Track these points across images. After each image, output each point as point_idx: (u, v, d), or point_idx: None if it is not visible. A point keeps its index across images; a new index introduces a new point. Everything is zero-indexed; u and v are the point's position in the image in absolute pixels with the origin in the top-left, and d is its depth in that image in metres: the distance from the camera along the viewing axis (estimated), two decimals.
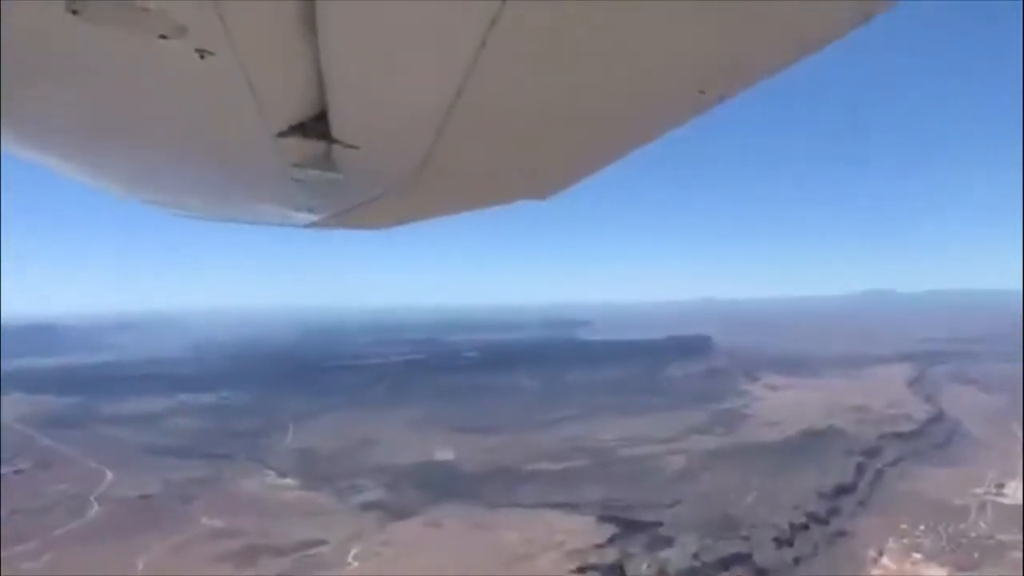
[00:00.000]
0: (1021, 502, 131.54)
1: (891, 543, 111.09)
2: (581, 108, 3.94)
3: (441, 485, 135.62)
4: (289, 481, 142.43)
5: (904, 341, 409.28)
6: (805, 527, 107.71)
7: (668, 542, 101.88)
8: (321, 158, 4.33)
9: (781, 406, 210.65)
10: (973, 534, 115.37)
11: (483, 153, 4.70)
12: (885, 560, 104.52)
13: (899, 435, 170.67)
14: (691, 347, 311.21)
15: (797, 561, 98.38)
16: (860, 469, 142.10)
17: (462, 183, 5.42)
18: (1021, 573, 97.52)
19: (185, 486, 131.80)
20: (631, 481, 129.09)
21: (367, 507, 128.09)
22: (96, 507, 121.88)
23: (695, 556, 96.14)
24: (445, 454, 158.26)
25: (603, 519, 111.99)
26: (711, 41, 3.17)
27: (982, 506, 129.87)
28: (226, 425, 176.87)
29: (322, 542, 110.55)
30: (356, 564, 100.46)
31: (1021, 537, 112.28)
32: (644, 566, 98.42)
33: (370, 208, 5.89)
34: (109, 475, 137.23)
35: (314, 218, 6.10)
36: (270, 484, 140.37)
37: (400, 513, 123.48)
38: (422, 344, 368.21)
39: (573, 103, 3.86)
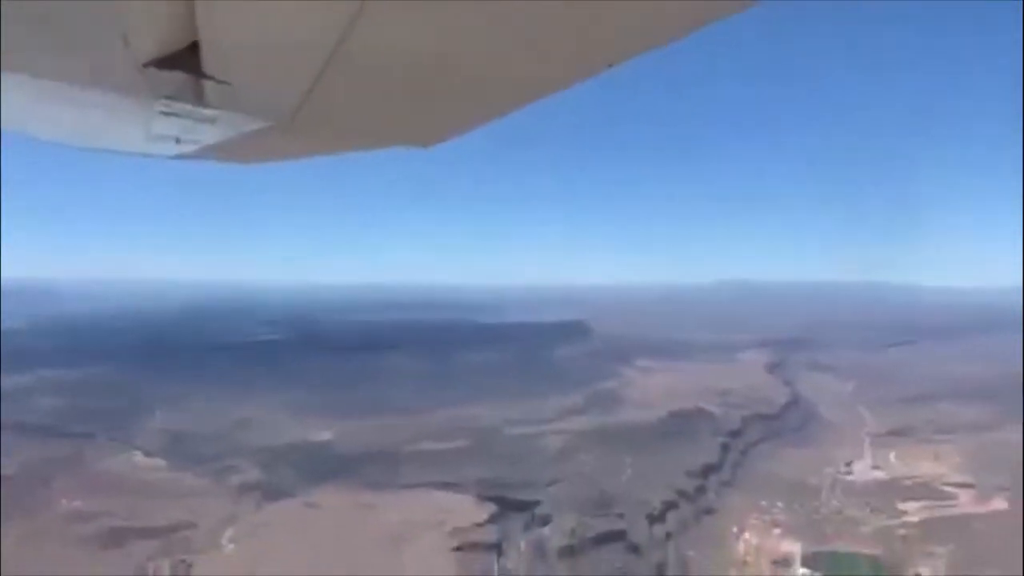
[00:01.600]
0: (867, 480, 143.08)
1: (752, 519, 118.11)
2: (465, 60, 4.03)
3: (320, 466, 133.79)
4: (158, 461, 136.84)
5: (764, 329, 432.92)
6: (675, 505, 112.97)
7: (546, 520, 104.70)
8: (190, 91, 4.27)
9: (652, 388, 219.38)
10: (825, 510, 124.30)
11: (364, 96, 4.67)
12: (747, 535, 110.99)
13: (760, 417, 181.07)
14: (567, 331, 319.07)
15: (668, 537, 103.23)
16: (725, 449, 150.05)
17: (341, 124, 5.35)
18: (868, 547, 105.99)
19: (44, 466, 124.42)
20: (511, 461, 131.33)
21: (242, 488, 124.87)
22: None
23: (572, 533, 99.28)
24: (323, 435, 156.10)
25: (483, 498, 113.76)
26: (597, 6, 3.34)
27: (833, 484, 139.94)
28: (90, 403, 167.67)
29: (193, 524, 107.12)
30: (231, 546, 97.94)
31: (868, 512, 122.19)
32: (522, 544, 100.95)
33: (243, 142, 5.73)
34: None
35: (183, 149, 5.94)
36: (137, 464, 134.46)
37: (277, 494, 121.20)
38: (297, 324, 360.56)
39: (457, 54, 3.94)
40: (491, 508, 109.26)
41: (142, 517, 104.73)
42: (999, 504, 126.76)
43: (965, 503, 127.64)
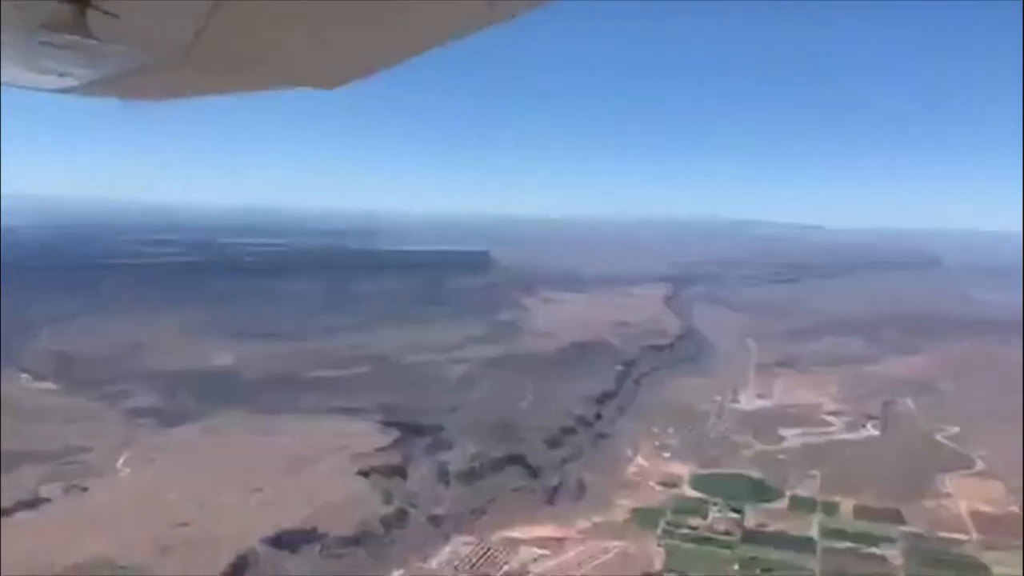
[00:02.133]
0: (752, 408, 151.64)
1: (645, 444, 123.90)
2: (367, 2, 4.01)
3: (219, 391, 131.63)
4: (48, 385, 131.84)
5: (661, 263, 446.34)
6: (573, 430, 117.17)
7: (448, 445, 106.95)
8: (74, 22, 4.00)
9: (554, 319, 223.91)
10: (713, 435, 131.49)
11: (263, 35, 4.50)
12: (640, 459, 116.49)
13: (655, 348, 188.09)
14: (471, 261, 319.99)
15: (565, 461, 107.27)
16: (621, 378, 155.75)
17: (239, 64, 5.10)
18: (751, 469, 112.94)
19: None
20: (413, 388, 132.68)
21: (138, 413, 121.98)
22: None
23: (474, 458, 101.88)
24: (222, 360, 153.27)
25: (386, 424, 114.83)
26: None
27: (720, 411, 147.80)
28: None
29: (87, 449, 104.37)
30: (127, 471, 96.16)
31: (751, 438, 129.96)
32: (425, 468, 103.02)
33: (133, 79, 5.44)
34: None
35: (67, 83, 5.58)
36: (26, 388, 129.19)
37: (175, 419, 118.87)
38: (195, 246, 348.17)
39: None
40: (394, 433, 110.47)
41: (33, 441, 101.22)
42: (870, 432, 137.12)
43: (839, 430, 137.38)
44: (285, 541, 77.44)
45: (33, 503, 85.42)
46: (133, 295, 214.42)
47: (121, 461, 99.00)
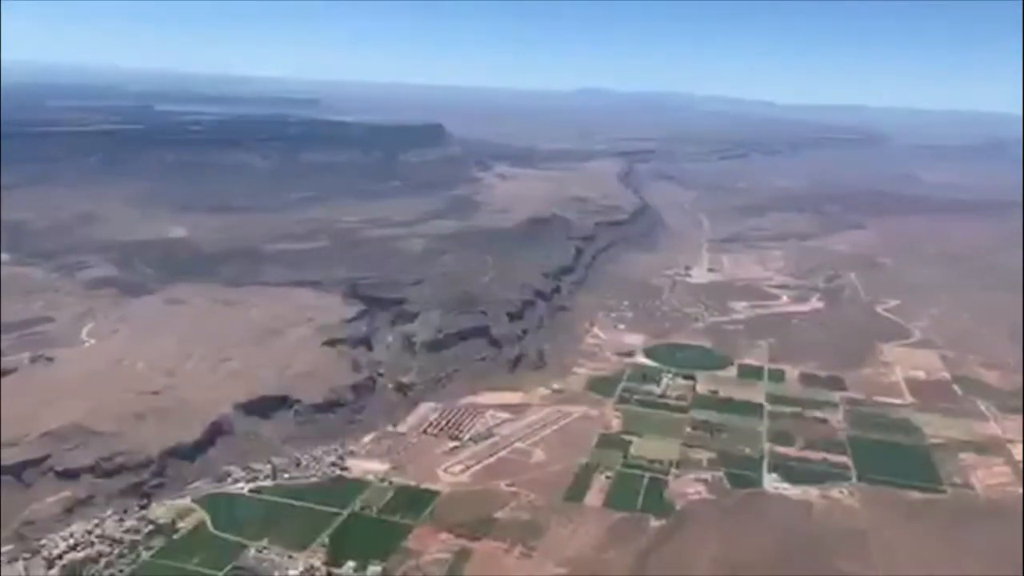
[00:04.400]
0: (703, 282, 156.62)
1: (600, 316, 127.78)
2: None
3: (177, 263, 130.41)
4: (3, 256, 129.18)
5: (611, 138, 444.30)
6: (532, 303, 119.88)
7: (413, 317, 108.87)
8: None
9: (510, 194, 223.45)
10: (666, 308, 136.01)
11: None
12: (596, 330, 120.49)
13: (612, 223, 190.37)
14: (424, 134, 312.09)
15: (526, 332, 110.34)
16: (579, 253, 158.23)
17: None
18: (702, 340, 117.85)
19: None
20: (374, 262, 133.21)
21: (96, 284, 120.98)
22: None
23: (438, 330, 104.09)
24: (176, 232, 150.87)
25: (349, 296, 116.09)
26: None
27: (673, 285, 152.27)
28: None
29: (48, 319, 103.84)
30: (92, 341, 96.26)
31: (702, 310, 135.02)
32: (390, 339, 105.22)
33: None
34: None
35: None
36: None
37: (135, 290, 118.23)
38: (135, 113, 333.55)
39: None
40: (358, 306, 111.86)
41: None
42: (814, 304, 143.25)
43: (786, 304, 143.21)
44: (257, 408, 79.42)
45: None
46: (74, 164, 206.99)
47: (85, 332, 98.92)
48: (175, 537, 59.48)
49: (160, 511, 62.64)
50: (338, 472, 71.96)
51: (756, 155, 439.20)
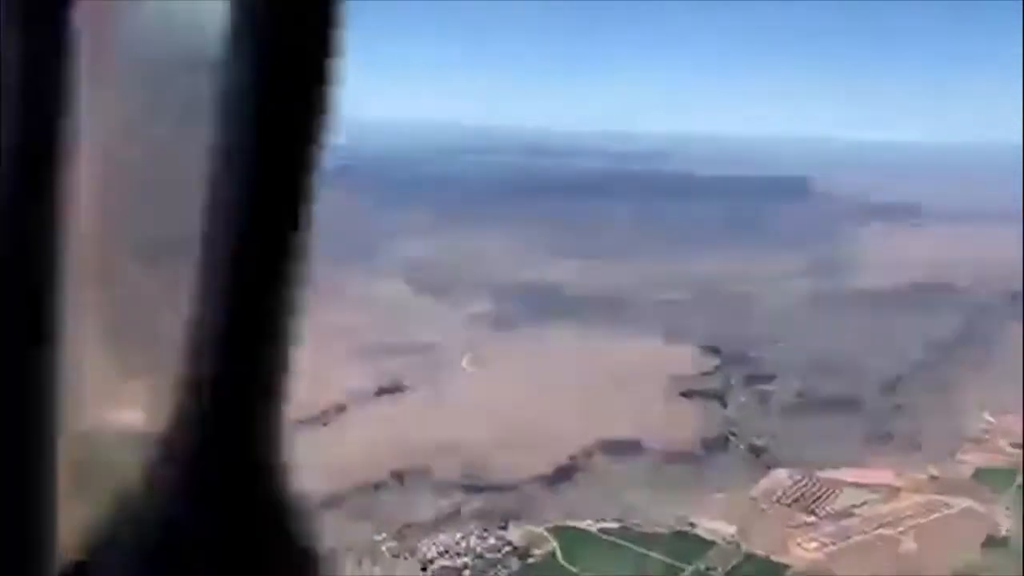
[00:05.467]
0: None
1: (995, 398, 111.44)
2: None
3: (546, 304, 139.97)
4: (403, 286, 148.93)
5: (1015, 197, 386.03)
6: (911, 376, 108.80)
7: (770, 378, 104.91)
8: None
9: (887, 254, 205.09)
10: None
11: None
12: (987, 415, 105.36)
13: (1012, 295, 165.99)
14: (789, 186, 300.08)
15: (899, 408, 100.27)
16: (968, 324, 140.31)
17: None
18: None
19: None
20: (732, 316, 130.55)
21: (474, 318, 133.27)
22: None
23: (799, 393, 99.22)
24: (552, 275, 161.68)
25: (704, 349, 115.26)
26: None
27: None
28: None
29: (435, 345, 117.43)
30: (472, 369, 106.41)
31: None
32: (744, 398, 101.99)
33: None
34: None
35: None
36: (392, 288, 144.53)
37: (507, 326, 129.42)
38: (515, 165, 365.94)
39: None
40: (714, 360, 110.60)
41: (391, 335, 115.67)
42: None
43: None
44: (612, 448, 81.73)
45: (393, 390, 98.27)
46: (465, 209, 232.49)
47: (465, 360, 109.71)
48: (529, 562, 63.06)
49: (516, 534, 66.89)
50: (685, 526, 71.05)
51: None
